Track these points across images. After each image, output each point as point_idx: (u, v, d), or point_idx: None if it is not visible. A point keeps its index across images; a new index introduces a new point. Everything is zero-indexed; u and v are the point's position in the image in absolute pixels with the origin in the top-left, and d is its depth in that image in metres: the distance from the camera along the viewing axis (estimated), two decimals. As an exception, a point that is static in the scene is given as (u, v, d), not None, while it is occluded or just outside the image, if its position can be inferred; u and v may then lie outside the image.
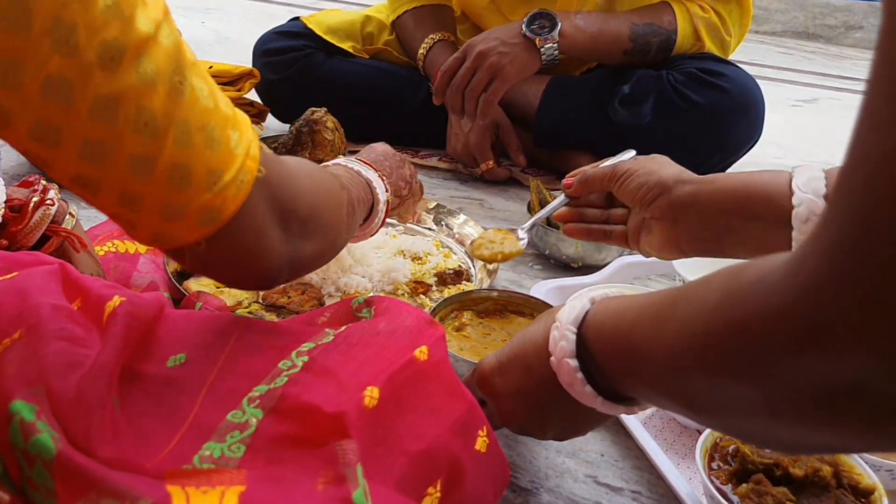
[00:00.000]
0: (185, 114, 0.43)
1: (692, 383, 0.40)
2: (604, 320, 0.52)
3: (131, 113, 0.41)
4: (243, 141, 0.48)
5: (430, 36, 1.44)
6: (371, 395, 0.48)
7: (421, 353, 0.53)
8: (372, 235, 0.85)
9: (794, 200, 0.66)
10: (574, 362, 0.53)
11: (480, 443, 0.56)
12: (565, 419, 0.61)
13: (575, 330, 0.53)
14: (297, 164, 0.57)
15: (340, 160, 0.80)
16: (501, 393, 0.62)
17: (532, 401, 0.60)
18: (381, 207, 0.81)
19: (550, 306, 0.88)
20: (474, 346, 0.83)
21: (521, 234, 0.95)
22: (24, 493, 0.38)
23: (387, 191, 0.82)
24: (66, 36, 0.37)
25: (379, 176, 0.81)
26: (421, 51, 1.45)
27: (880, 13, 0.29)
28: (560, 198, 0.89)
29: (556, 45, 1.27)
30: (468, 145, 1.40)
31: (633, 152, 0.88)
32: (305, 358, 0.51)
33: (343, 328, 0.56)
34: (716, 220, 0.73)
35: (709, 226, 0.74)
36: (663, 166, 0.79)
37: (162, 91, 0.42)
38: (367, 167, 0.81)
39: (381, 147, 0.93)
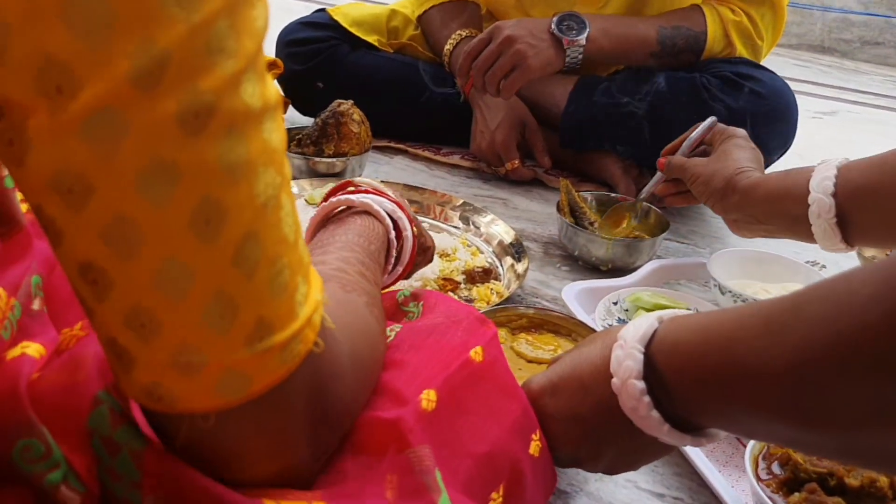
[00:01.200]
0: (260, 231, 0.32)
1: (826, 392, 0.37)
2: (682, 338, 0.48)
3: (193, 196, 0.30)
4: (310, 301, 0.36)
5: (458, 32, 1.42)
6: (428, 397, 0.46)
7: (476, 353, 0.51)
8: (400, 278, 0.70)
9: (809, 199, 0.80)
10: (641, 384, 0.48)
11: (534, 447, 0.53)
12: (621, 448, 0.56)
13: (642, 349, 0.49)
14: (348, 347, 0.42)
15: (372, 203, 0.64)
16: (552, 415, 0.56)
17: (587, 426, 0.55)
18: (407, 250, 0.67)
19: (588, 327, 0.86)
20: None
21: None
22: (102, 484, 0.35)
23: (412, 230, 0.68)
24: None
25: (407, 217, 0.68)
26: (447, 47, 1.43)
27: None
28: (658, 175, 1.09)
29: (581, 48, 1.26)
30: (494, 144, 1.39)
31: (713, 119, 1.05)
32: None
33: (392, 334, 0.54)
34: (759, 219, 0.92)
35: (754, 223, 0.94)
36: (726, 165, 0.96)
37: (245, 190, 0.31)
38: (395, 206, 0.66)
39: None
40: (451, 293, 1.01)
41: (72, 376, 0.35)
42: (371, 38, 1.51)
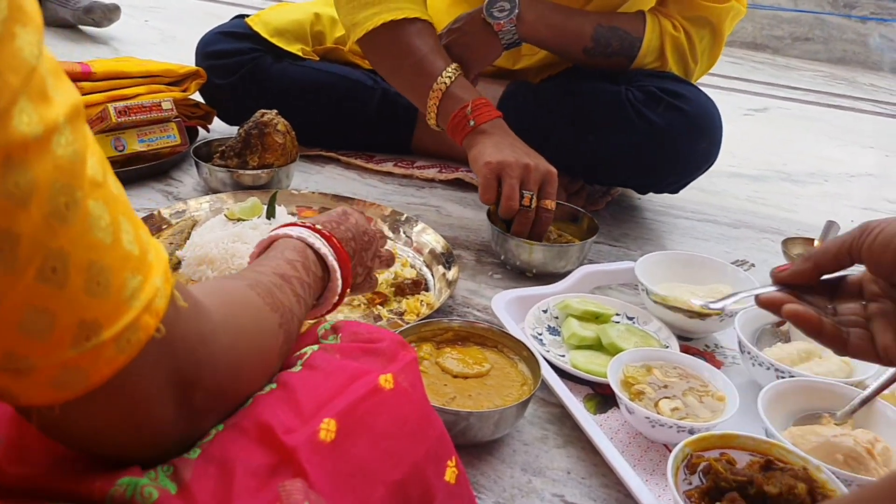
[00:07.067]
0: (63, 245, 0.33)
1: None
2: None
3: None
4: (146, 289, 0.37)
5: (453, 65, 1.18)
6: (328, 427, 0.45)
7: (386, 381, 0.50)
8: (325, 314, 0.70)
9: None
10: None
11: (450, 474, 0.53)
12: None
13: None
14: (220, 317, 0.45)
15: (291, 231, 0.65)
16: None
17: None
18: (336, 292, 0.67)
19: (515, 338, 0.86)
20: (433, 383, 0.79)
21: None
22: None
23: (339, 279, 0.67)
24: None
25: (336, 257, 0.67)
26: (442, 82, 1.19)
27: None
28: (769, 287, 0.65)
29: (514, 27, 1.22)
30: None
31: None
32: (273, 385, 0.49)
33: (308, 351, 0.54)
34: None
35: None
36: None
37: (36, 213, 0.31)
38: (325, 243, 0.66)
39: (352, 219, 0.74)
40: (380, 306, 0.99)
41: None
42: (294, 48, 1.46)
